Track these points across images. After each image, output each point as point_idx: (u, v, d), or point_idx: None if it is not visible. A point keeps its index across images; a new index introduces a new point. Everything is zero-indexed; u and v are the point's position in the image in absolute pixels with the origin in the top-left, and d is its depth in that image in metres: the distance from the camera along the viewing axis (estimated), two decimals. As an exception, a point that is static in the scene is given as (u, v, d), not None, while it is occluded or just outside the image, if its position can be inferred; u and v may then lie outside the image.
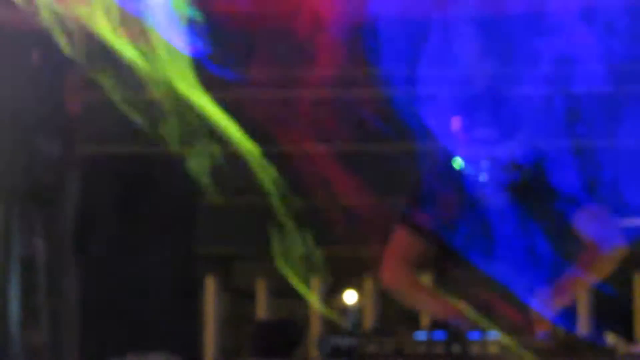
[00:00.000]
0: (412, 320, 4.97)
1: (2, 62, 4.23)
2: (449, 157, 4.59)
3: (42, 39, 4.70)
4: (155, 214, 5.05)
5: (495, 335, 3.74)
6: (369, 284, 5.38)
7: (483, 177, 4.51)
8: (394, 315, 4.94)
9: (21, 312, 4.71)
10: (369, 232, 5.22)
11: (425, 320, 4.46)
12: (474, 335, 3.76)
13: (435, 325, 4.17)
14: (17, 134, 4.17)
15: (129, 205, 5.02)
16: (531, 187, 4.54)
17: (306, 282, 6.14)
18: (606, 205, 4.65)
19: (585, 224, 4.47)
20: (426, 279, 4.95)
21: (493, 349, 3.68)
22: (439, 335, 3.82)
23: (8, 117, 4.13)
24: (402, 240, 4.70)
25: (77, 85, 5.43)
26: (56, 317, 5.04)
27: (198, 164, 4.72)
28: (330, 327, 4.92)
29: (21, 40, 4.38)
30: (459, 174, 4.58)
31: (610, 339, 3.83)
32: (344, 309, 5.22)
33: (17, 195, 4.28)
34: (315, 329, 5.32)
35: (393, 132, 5.56)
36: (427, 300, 4.67)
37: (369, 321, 5.21)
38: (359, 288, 5.23)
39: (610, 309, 4.79)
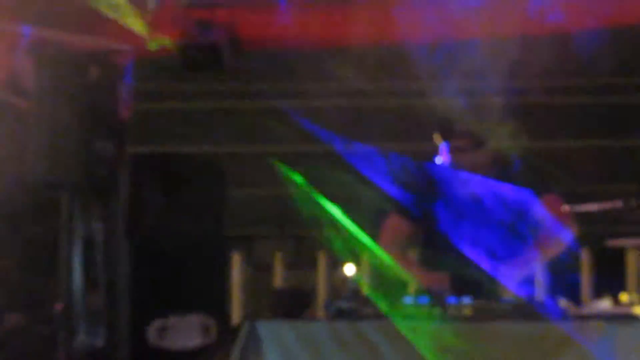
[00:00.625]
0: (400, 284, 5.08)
1: (67, 77, 4.30)
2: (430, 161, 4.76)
3: (98, 58, 4.91)
4: (192, 203, 5.13)
5: (468, 300, 3.83)
6: (366, 258, 5.56)
7: (458, 177, 4.67)
8: (386, 284, 5.13)
9: (83, 281, 4.89)
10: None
11: (411, 288, 4.60)
12: (451, 299, 3.87)
13: (420, 291, 4.21)
14: (79, 137, 4.21)
15: (171, 196, 5.14)
16: (498, 182, 4.64)
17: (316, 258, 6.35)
18: (561, 195, 4.74)
19: (543, 210, 4.61)
20: (413, 253, 5.04)
21: (467, 311, 3.79)
22: (424, 299, 3.92)
23: (71, 123, 4.25)
24: (394, 223, 4.90)
25: (126, 96, 5.63)
26: (111, 285, 5.20)
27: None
28: (334, 294, 5.00)
29: (82, 59, 4.47)
30: (438, 173, 4.77)
31: (562, 303, 3.90)
32: (345, 279, 5.36)
33: (79, 187, 4.35)
34: (322, 295, 5.44)
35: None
36: (412, 270, 4.73)
37: (366, 288, 5.41)
38: (357, 262, 5.37)
39: (562, 280, 5.00)
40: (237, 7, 6.02)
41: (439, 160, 4.72)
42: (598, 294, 4.05)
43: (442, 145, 4.66)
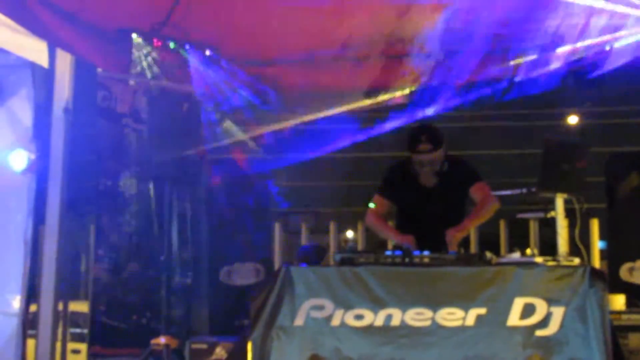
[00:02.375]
0: (383, 245, 5.16)
1: (168, 109, 4.46)
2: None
3: (188, 97, 5.07)
4: (247, 192, 5.24)
5: (427, 252, 3.92)
6: (360, 226, 5.64)
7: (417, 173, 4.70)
8: (373, 243, 5.25)
9: (178, 241, 5.02)
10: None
11: (389, 245, 4.69)
12: (416, 252, 3.97)
13: (395, 247, 4.34)
14: (175, 147, 4.38)
15: (236, 188, 5.22)
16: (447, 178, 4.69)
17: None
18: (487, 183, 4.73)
19: (476, 193, 4.67)
20: (391, 222, 5.10)
21: (426, 260, 3.88)
22: (398, 252, 4.00)
23: (171, 138, 4.41)
24: (377, 201, 4.91)
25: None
26: (196, 244, 5.31)
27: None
28: (340, 249, 5.00)
29: (178, 97, 4.65)
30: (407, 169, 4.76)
31: (488, 255, 3.98)
32: (347, 240, 5.40)
33: (176, 179, 4.50)
34: (332, 250, 5.46)
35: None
36: (389, 233, 4.91)
37: (360, 245, 5.47)
38: (354, 228, 5.44)
39: (488, 239, 5.10)
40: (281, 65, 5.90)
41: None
42: (511, 249, 4.13)
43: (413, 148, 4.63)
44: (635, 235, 4.98)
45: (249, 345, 3.75)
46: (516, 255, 4.00)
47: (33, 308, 5.68)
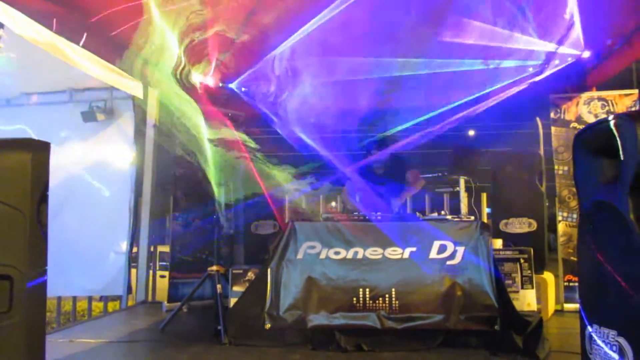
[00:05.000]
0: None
1: None
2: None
3: (226, 115, 4.94)
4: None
5: (380, 213, 3.87)
6: (339, 198, 5.55)
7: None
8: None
9: (225, 206, 4.95)
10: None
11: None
12: (374, 213, 3.86)
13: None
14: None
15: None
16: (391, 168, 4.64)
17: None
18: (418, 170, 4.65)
19: (410, 176, 4.55)
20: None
21: (378, 217, 3.80)
22: (362, 213, 3.95)
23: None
24: (348, 184, 4.67)
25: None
26: (236, 208, 5.27)
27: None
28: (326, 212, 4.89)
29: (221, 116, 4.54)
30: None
31: (418, 214, 3.97)
32: (331, 206, 5.30)
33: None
34: (321, 212, 5.34)
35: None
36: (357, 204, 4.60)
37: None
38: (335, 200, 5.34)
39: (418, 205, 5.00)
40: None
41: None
42: (431, 210, 4.09)
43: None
44: (507, 203, 4.96)
45: (268, 271, 3.71)
46: (435, 214, 3.95)
47: (135, 250, 5.77)
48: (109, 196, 5.51)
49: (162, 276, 5.43)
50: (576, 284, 4.87)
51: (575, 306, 4.73)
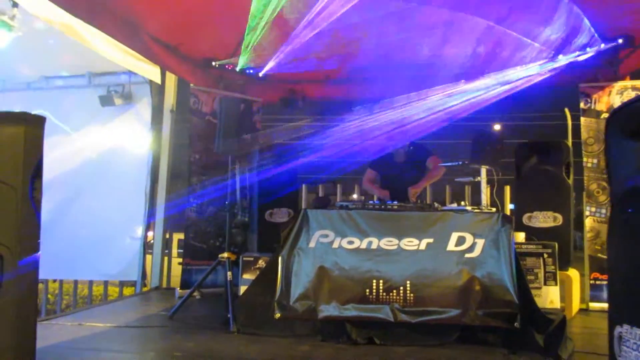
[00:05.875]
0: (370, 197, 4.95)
1: (231, 109, 4.13)
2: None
3: (245, 101, 4.78)
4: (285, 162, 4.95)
5: (396, 202, 3.71)
6: (357, 188, 5.47)
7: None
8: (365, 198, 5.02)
9: (239, 193, 4.87)
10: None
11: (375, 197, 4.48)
12: (389, 202, 3.75)
13: (378, 199, 4.17)
14: (237, 134, 4.02)
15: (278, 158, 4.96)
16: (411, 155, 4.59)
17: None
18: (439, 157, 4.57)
19: (430, 163, 4.52)
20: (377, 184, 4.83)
21: (395, 207, 3.65)
22: (377, 202, 3.82)
23: (234, 128, 4.14)
24: (368, 171, 4.78)
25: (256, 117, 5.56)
26: (251, 196, 5.15)
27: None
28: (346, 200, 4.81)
29: (238, 101, 4.32)
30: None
31: (436, 204, 3.80)
32: (352, 197, 5.21)
33: (237, 154, 4.19)
34: (337, 199, 5.24)
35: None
36: (375, 191, 4.66)
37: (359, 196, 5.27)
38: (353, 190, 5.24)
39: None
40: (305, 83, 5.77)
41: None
42: (451, 201, 3.93)
43: None
44: (531, 196, 4.67)
45: (279, 259, 3.59)
46: (454, 205, 3.76)
47: (150, 237, 5.73)
48: (125, 181, 5.47)
49: (180, 263, 5.38)
50: (603, 282, 4.64)
51: (601, 305, 4.53)
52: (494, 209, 3.69)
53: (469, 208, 3.64)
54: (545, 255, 3.93)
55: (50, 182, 2.33)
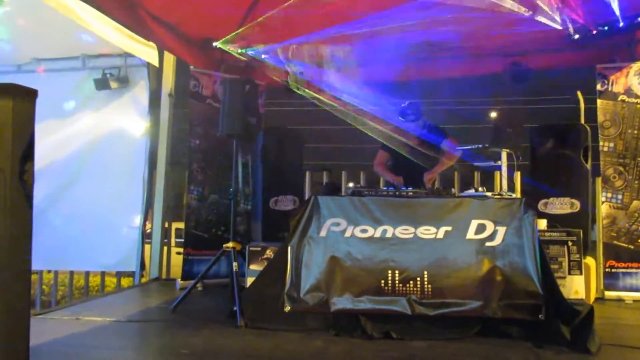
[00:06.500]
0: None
1: (236, 91, 3.93)
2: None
3: (250, 83, 4.61)
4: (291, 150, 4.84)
5: (410, 188, 3.58)
6: (365, 172, 5.30)
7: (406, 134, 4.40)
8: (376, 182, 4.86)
9: (243, 180, 4.68)
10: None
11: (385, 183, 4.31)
12: (403, 188, 3.63)
13: (391, 184, 4.11)
14: (241, 116, 3.84)
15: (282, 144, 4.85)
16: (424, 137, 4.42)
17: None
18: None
19: (445, 146, 4.35)
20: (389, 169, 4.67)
21: (410, 193, 3.50)
22: (391, 188, 3.76)
23: (239, 110, 3.95)
24: (380, 154, 4.60)
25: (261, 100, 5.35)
26: (256, 183, 5.04)
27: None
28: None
29: (243, 83, 4.12)
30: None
31: (453, 190, 3.72)
32: (357, 181, 5.08)
33: (241, 137, 3.99)
34: (343, 191, 5.08)
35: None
36: (388, 176, 4.52)
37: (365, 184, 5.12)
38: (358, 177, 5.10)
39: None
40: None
41: None
42: (468, 187, 3.75)
43: None
44: (547, 182, 4.50)
45: (288, 249, 3.40)
46: (472, 191, 3.58)
47: (149, 227, 5.52)
48: (122, 168, 5.26)
49: (179, 253, 5.18)
50: (619, 270, 4.49)
51: (618, 294, 4.41)
52: (514, 195, 3.55)
53: (489, 194, 3.45)
54: (570, 243, 3.76)
55: (43, 170, 2.12)
